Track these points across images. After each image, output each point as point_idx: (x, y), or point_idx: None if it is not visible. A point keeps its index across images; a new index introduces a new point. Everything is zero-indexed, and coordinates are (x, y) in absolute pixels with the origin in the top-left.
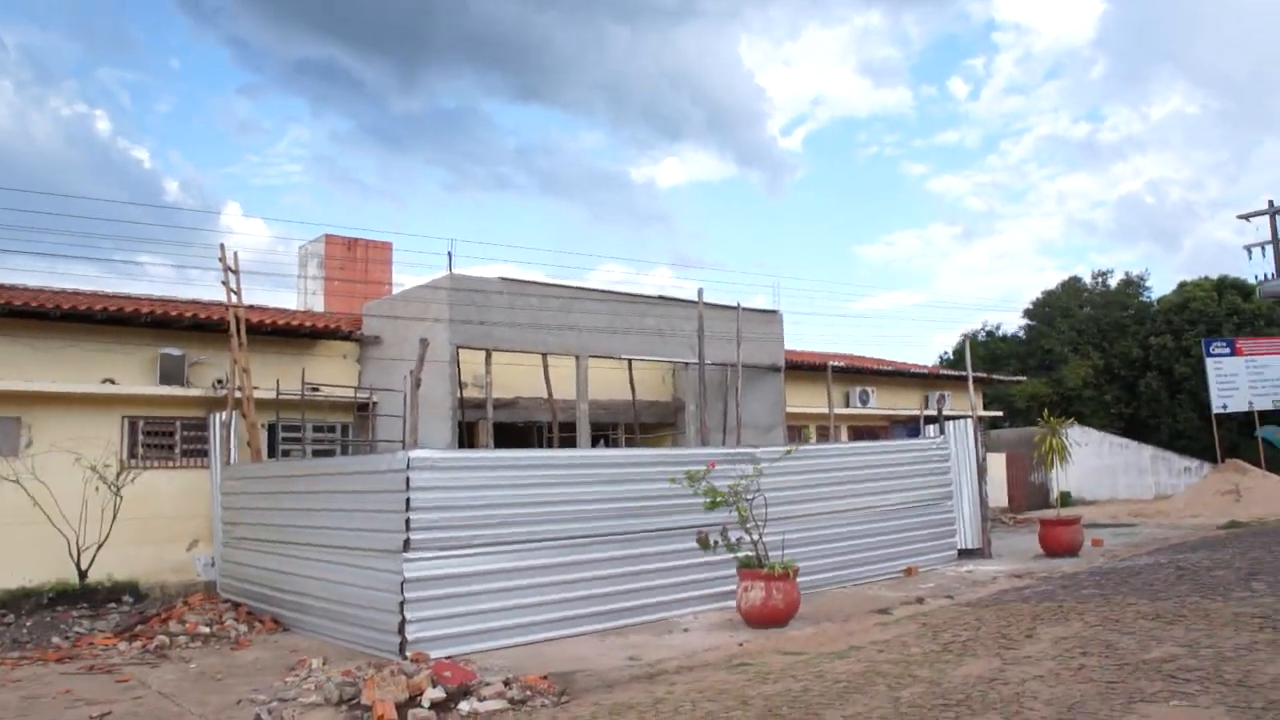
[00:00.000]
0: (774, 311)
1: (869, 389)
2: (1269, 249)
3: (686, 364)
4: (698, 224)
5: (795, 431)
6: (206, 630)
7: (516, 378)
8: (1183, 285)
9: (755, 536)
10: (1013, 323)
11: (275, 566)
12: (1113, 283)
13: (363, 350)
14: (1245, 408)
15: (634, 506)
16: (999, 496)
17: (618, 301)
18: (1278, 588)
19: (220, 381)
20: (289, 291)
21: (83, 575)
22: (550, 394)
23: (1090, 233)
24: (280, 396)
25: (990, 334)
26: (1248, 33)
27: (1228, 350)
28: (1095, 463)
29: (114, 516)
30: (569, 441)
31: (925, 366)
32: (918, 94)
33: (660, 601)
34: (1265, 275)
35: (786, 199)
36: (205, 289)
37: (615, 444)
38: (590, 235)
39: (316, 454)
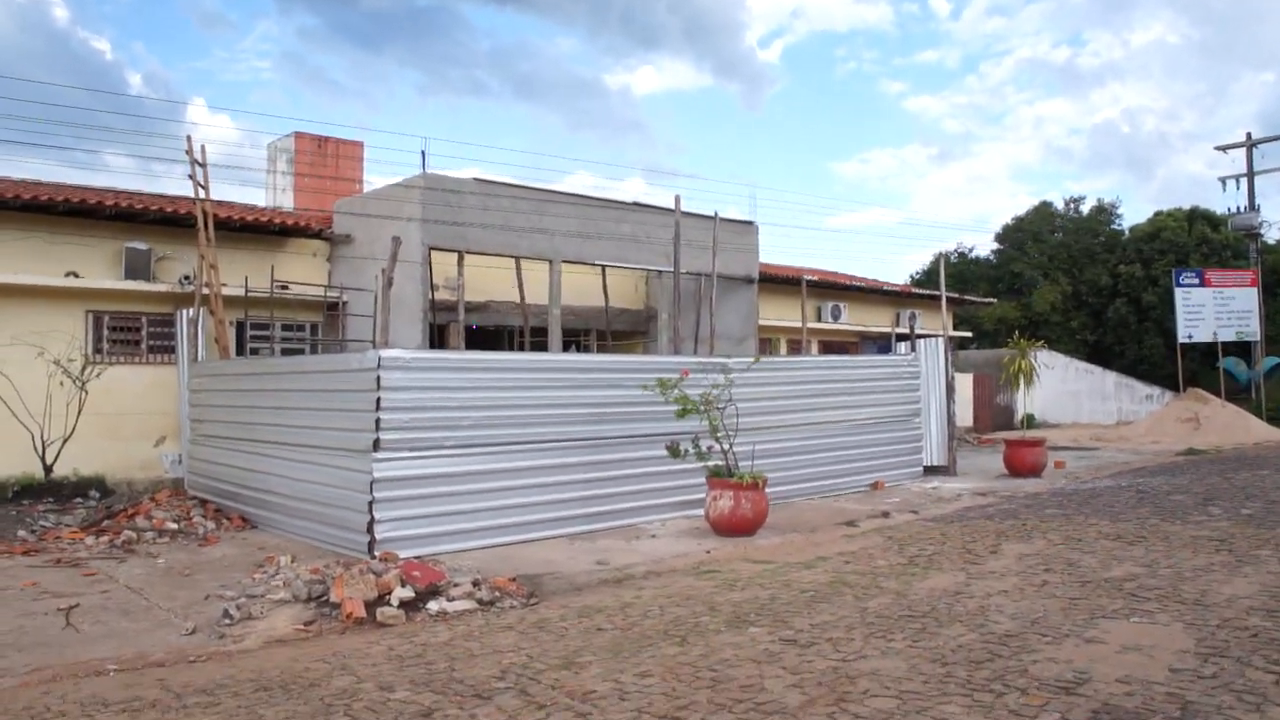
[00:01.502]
0: (750, 223)
1: (841, 304)
2: (1243, 182)
3: (660, 272)
4: (674, 134)
5: (766, 344)
6: (174, 526)
7: (489, 281)
8: (1155, 215)
9: (725, 446)
10: (984, 246)
11: (243, 464)
12: (1085, 210)
13: (333, 249)
14: (1210, 338)
15: (605, 413)
16: (965, 416)
17: (593, 206)
18: (1233, 513)
19: (187, 277)
20: (258, 189)
21: (48, 469)
22: (523, 298)
23: (1065, 159)
24: (249, 294)
25: (962, 256)
26: None
27: (1196, 281)
28: (1060, 387)
29: (79, 411)
30: (540, 346)
31: (897, 285)
32: (898, 10)
33: (629, 508)
34: (1238, 207)
35: (763, 112)
36: (171, 184)
37: (587, 350)
38: (566, 142)
39: (285, 353)
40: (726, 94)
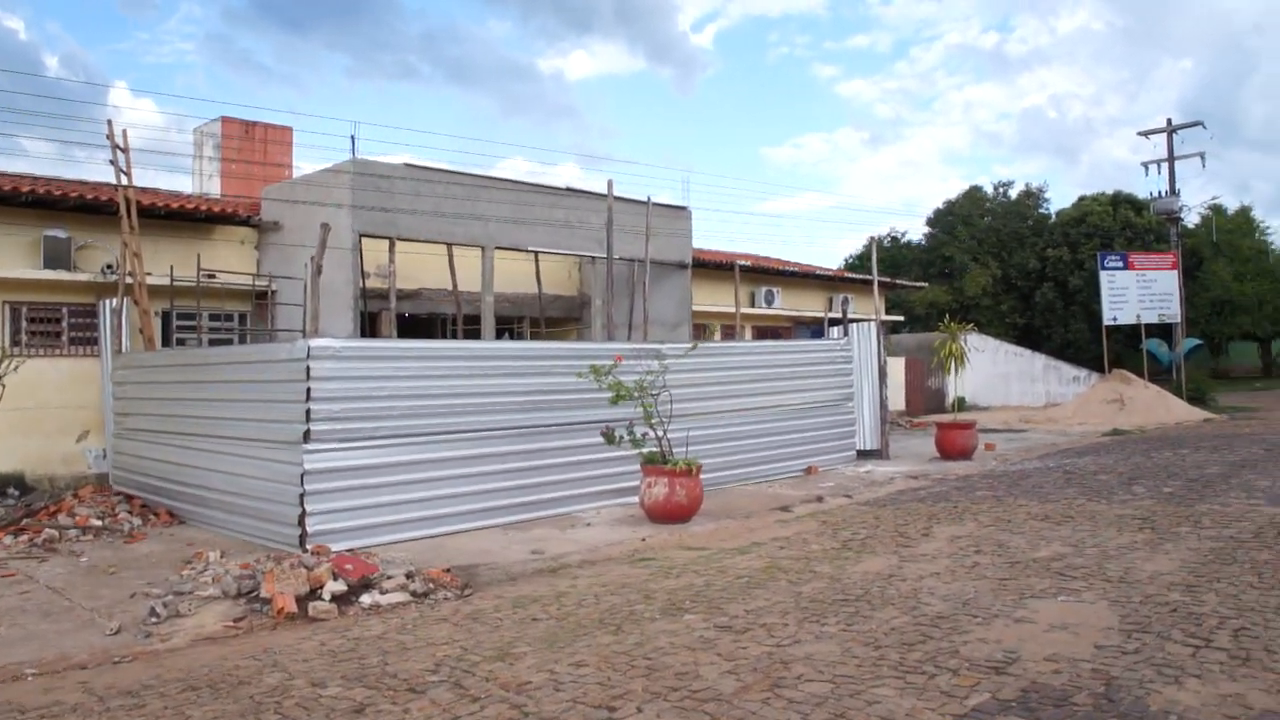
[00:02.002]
0: (683, 208)
1: (774, 289)
2: (1164, 167)
3: (594, 258)
4: (607, 119)
5: (700, 330)
6: (98, 523)
7: (421, 268)
8: (1081, 199)
9: (660, 433)
10: (916, 230)
11: (170, 458)
12: (1013, 194)
13: (261, 236)
14: (1134, 320)
15: (539, 400)
16: (897, 400)
17: (526, 192)
18: (1157, 491)
19: (110, 266)
20: (183, 176)
21: None
22: (455, 285)
23: (994, 144)
24: (174, 283)
25: (894, 240)
26: None
27: (1121, 264)
28: (990, 370)
29: None
30: (473, 334)
31: (830, 269)
32: None
33: (564, 496)
34: (1160, 192)
35: (696, 97)
36: (92, 170)
37: (520, 337)
38: (499, 128)
39: (213, 343)
40: (659, 78)
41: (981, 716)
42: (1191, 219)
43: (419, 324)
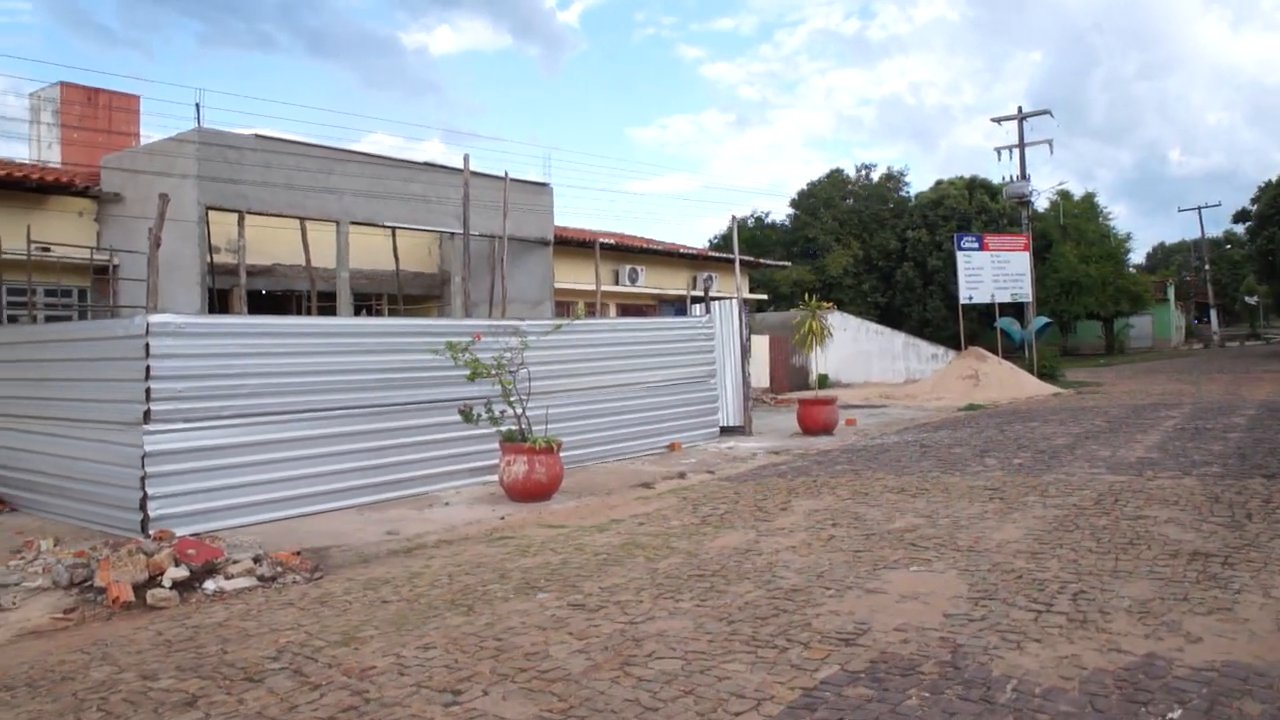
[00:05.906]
0: (544, 184)
1: (638, 268)
2: (1015, 153)
3: (453, 234)
4: (472, 96)
5: (564, 307)
6: None
7: (274, 243)
8: (939, 183)
9: (519, 410)
10: (780, 211)
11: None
12: (875, 177)
13: (102, 208)
14: (988, 300)
15: (396, 378)
16: (761, 377)
17: (382, 166)
18: (1007, 463)
19: None
20: (19, 143)
21: None
22: (309, 261)
23: (856, 128)
24: (4, 256)
25: (758, 221)
26: None
27: (976, 245)
28: (852, 348)
29: None
30: (329, 311)
31: (695, 248)
32: None
33: (421, 475)
34: (1011, 177)
35: (562, 76)
36: None
37: (378, 315)
38: (361, 101)
39: (49, 319)
40: (525, 56)
41: (830, 689)
42: (1041, 203)
43: (273, 301)
